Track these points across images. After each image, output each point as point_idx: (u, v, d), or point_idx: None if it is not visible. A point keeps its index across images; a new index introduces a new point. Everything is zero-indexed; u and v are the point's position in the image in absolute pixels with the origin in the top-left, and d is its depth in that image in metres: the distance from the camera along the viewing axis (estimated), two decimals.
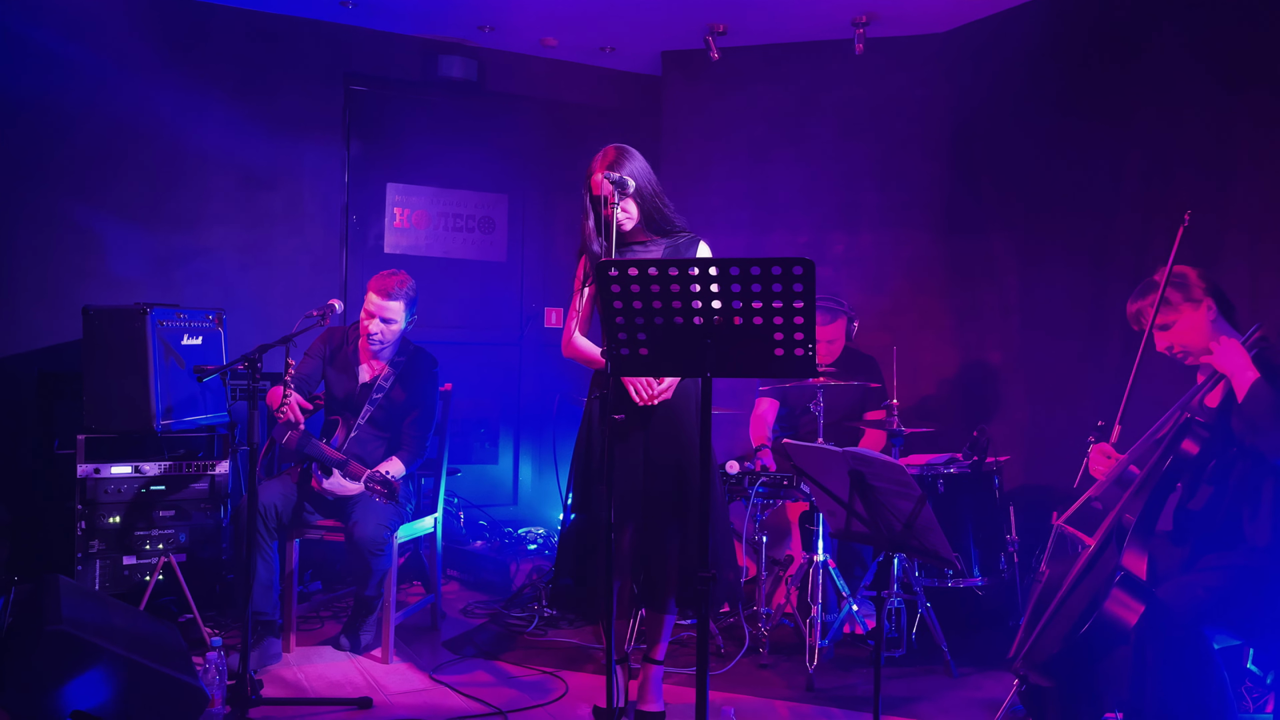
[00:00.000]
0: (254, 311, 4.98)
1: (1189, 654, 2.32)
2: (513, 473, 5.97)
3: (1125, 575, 2.41)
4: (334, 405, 3.93)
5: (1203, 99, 4.06)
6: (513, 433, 5.97)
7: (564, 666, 3.68)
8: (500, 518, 5.60)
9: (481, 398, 5.83)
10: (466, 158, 5.75)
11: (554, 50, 5.73)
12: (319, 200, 5.31)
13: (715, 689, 3.46)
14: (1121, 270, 4.38)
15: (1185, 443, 2.52)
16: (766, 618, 3.88)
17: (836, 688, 3.51)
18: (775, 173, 5.51)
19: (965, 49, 5.14)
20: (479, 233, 5.84)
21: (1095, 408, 4.31)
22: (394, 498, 3.53)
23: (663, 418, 3.02)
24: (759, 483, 4.00)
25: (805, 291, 2.23)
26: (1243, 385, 2.53)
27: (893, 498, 2.55)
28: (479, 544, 5.14)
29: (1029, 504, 4.29)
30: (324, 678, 3.54)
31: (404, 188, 5.66)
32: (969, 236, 5.18)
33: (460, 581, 4.91)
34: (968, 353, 5.21)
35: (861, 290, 5.35)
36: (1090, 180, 4.54)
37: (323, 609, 4.34)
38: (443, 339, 5.54)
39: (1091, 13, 4.52)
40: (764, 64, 5.51)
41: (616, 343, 2.40)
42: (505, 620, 4.23)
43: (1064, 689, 2.50)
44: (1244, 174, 3.91)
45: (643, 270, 2.30)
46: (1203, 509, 2.65)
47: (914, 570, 3.82)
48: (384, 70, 5.49)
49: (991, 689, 3.47)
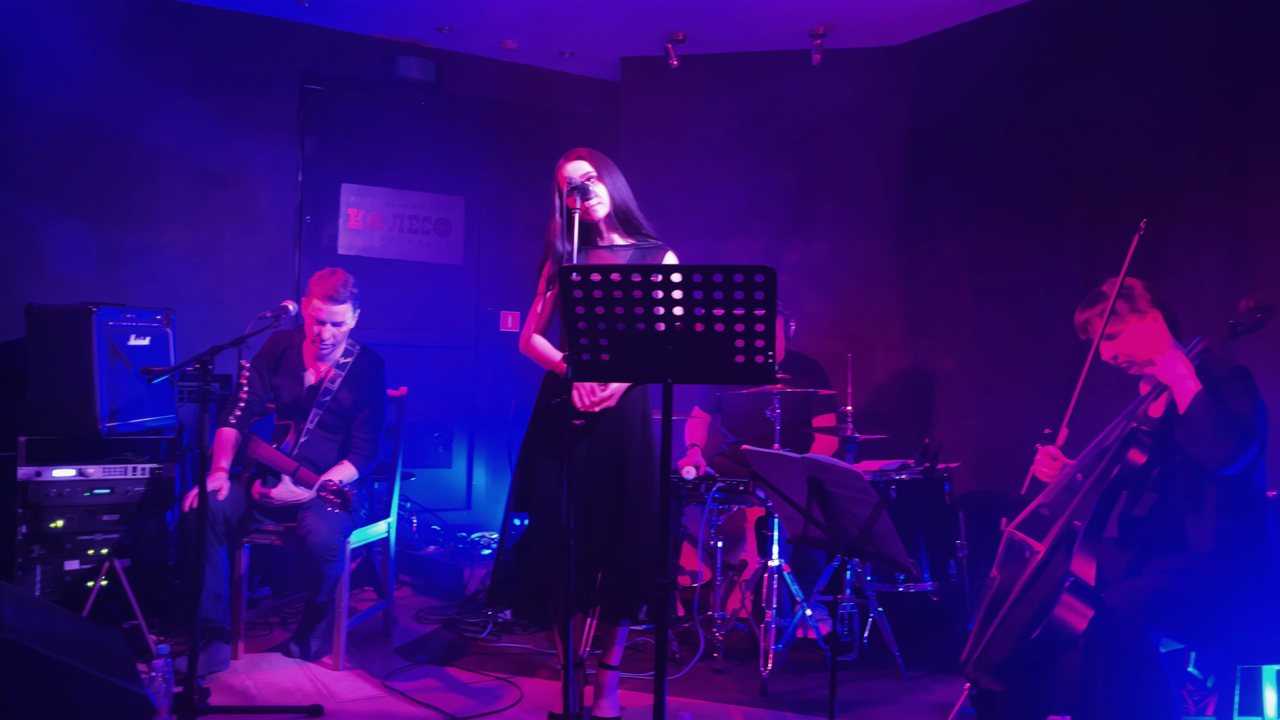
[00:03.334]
0: (204, 312, 4.89)
1: (1136, 657, 2.38)
2: (467, 477, 5.93)
3: (1075, 581, 2.45)
4: (282, 410, 3.87)
5: (1151, 118, 4.16)
6: (467, 436, 5.93)
7: (518, 673, 3.66)
8: (454, 522, 5.56)
9: (436, 401, 5.78)
10: (423, 159, 5.71)
11: (513, 53, 5.71)
12: (272, 200, 5.23)
13: (670, 694, 3.47)
14: (1069, 281, 4.48)
15: (1132, 452, 2.58)
16: (721, 623, 3.89)
17: (790, 692, 3.54)
18: (733, 180, 5.55)
19: (921, 62, 5.23)
20: (435, 235, 5.79)
21: (1042, 415, 4.39)
22: (348, 508, 3.48)
23: (608, 425, 3.02)
24: (715, 488, 4.02)
25: (766, 299, 2.25)
26: (1185, 397, 2.59)
27: (850, 504, 2.58)
28: (432, 549, 5.10)
29: (978, 510, 4.37)
30: (273, 685, 3.48)
31: (359, 188, 5.60)
32: (922, 245, 5.26)
33: (413, 587, 4.86)
34: (920, 360, 5.29)
35: (816, 298, 5.41)
36: (1040, 193, 4.64)
37: (272, 615, 4.27)
38: (398, 342, 5.49)
39: (1044, 30, 4.62)
40: (723, 72, 5.54)
41: (578, 348, 2.39)
42: (459, 626, 4.20)
43: (1014, 692, 2.54)
44: (1188, 191, 4.02)
45: (605, 275, 2.30)
46: (1147, 515, 2.71)
47: (866, 575, 3.86)
48: (340, 70, 5.43)
49: (942, 693, 3.52)
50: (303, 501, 3.67)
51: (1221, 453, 2.52)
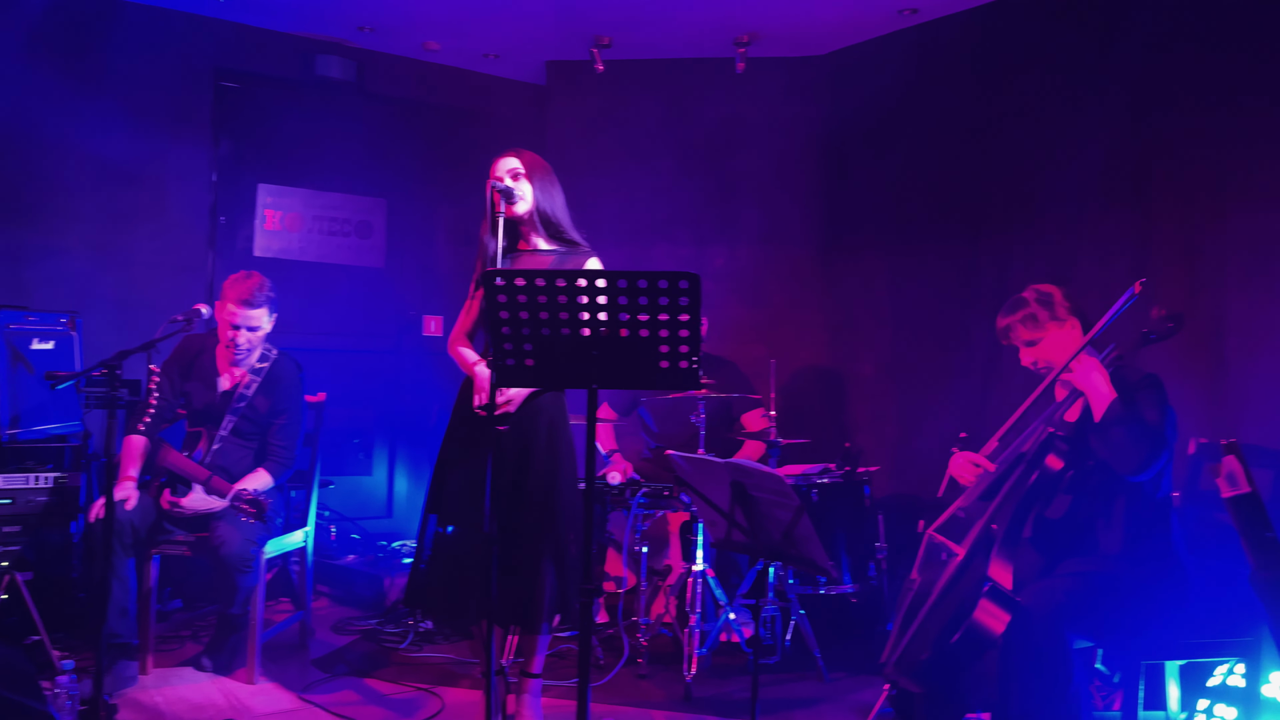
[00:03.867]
0: (112, 316, 4.71)
1: (1052, 657, 2.44)
2: (388, 484, 5.83)
3: (993, 586, 2.51)
4: (194, 417, 3.75)
5: (1061, 129, 4.30)
6: (389, 443, 5.83)
7: (439, 683, 3.60)
8: (375, 531, 5.45)
9: (356, 407, 5.67)
10: (344, 160, 5.60)
11: (437, 55, 5.65)
12: (184, 200, 5.08)
13: (594, 700, 3.45)
14: (983, 289, 4.60)
15: (1049, 458, 2.65)
16: (646, 628, 3.89)
17: (714, 695, 3.55)
18: (659, 186, 5.57)
19: (842, 72, 5.32)
20: (356, 237, 5.69)
21: (959, 419, 4.51)
22: (263, 517, 3.38)
23: (513, 434, 2.99)
24: (640, 493, 4.02)
25: (691, 305, 2.26)
26: (1100, 405, 2.66)
27: (773, 508, 2.60)
28: (351, 558, 5.00)
29: (896, 512, 4.44)
30: (184, 700, 3.37)
31: (276, 189, 5.47)
32: (844, 253, 5.35)
33: (331, 597, 4.76)
34: (842, 365, 5.37)
35: (740, 303, 5.46)
36: (955, 203, 4.75)
37: (183, 628, 4.13)
38: (317, 346, 5.37)
39: (961, 43, 4.74)
40: (649, 78, 5.56)
41: (502, 352, 2.38)
42: (379, 637, 4.12)
43: (932, 693, 2.59)
44: (1095, 203, 4.16)
45: (530, 281, 2.29)
46: (1061, 518, 2.79)
47: (788, 578, 3.90)
48: (257, 67, 5.30)
49: (862, 693, 3.57)
50: (215, 511, 3.56)
51: (1135, 460, 2.60)
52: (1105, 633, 2.65)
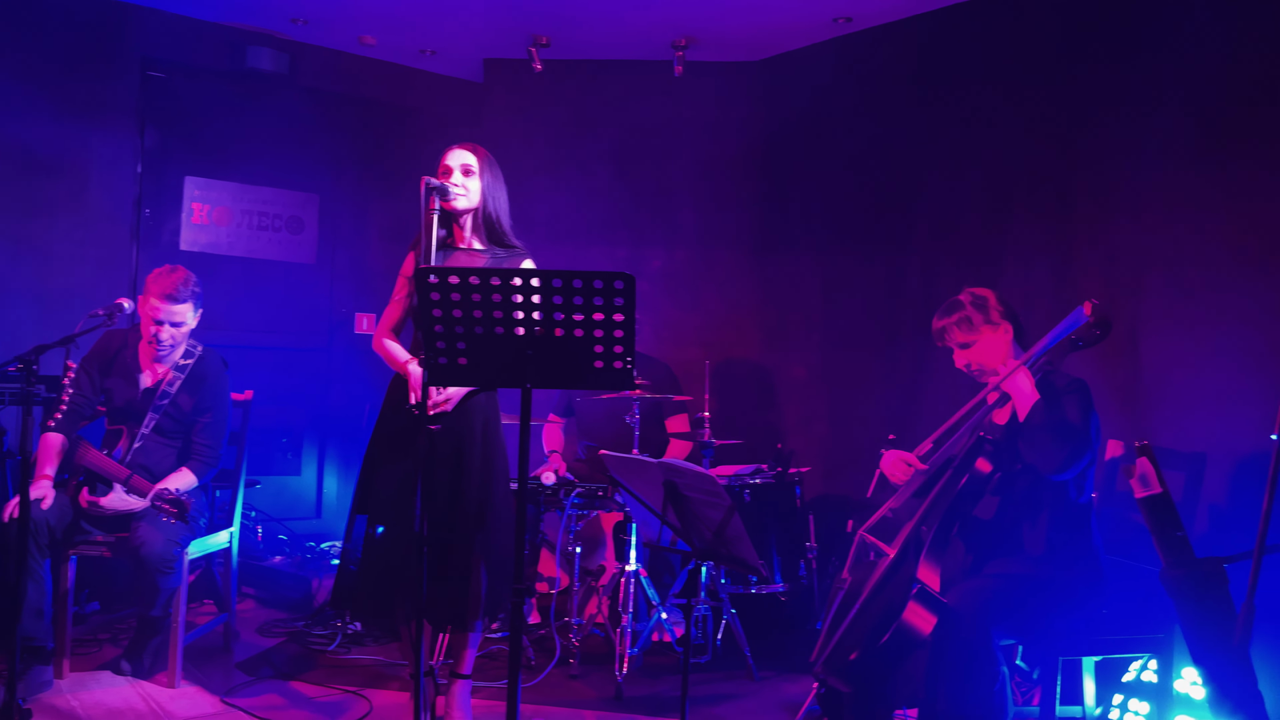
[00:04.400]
0: (29, 309, 4.57)
1: (977, 655, 2.50)
2: (317, 484, 5.73)
3: (921, 588, 2.56)
4: (115, 414, 3.65)
5: (988, 138, 4.41)
6: (318, 442, 5.73)
7: (368, 685, 3.56)
8: (303, 531, 5.36)
9: (285, 406, 5.57)
10: (275, 154, 5.49)
11: (372, 49, 5.58)
12: (108, 191, 4.93)
13: (525, 701, 3.44)
14: (912, 294, 4.69)
15: (979, 461, 2.70)
16: (578, 628, 3.89)
17: (645, 695, 3.56)
18: (596, 187, 5.57)
19: (778, 78, 5.38)
20: (287, 233, 5.59)
21: (887, 421, 4.59)
22: (185, 518, 3.30)
23: (444, 431, 2.97)
24: (574, 494, 4.02)
25: (626, 305, 2.27)
26: (1024, 407, 2.73)
27: (704, 507, 2.62)
28: (278, 559, 4.91)
29: (826, 513, 4.51)
30: (102, 705, 3.28)
31: (205, 182, 5.34)
32: (778, 257, 5.41)
33: (257, 599, 4.66)
34: (775, 368, 5.43)
35: (677, 305, 5.49)
36: (886, 210, 4.84)
37: (101, 631, 4.02)
38: (245, 343, 5.26)
39: (892, 52, 4.83)
40: (587, 79, 5.56)
41: (435, 351, 2.36)
42: (305, 639, 4.05)
43: (860, 692, 2.64)
44: (1020, 211, 4.27)
45: (464, 279, 2.27)
46: (989, 520, 2.85)
47: (720, 578, 3.93)
48: (186, 57, 5.17)
49: (791, 691, 3.62)
50: (136, 511, 3.47)
51: (1056, 459, 2.66)
52: (1028, 631, 2.72)
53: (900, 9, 4.67)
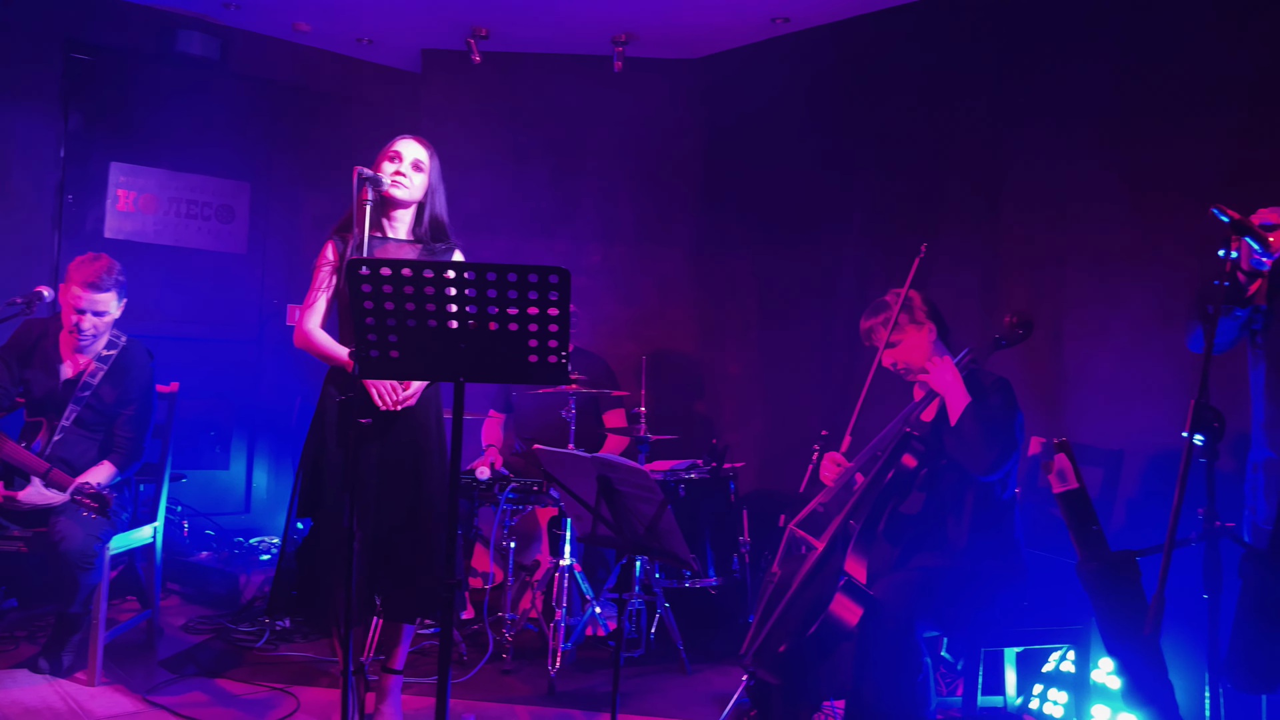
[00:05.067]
0: None
1: (902, 645, 2.56)
2: (246, 478, 5.62)
3: (848, 580, 2.61)
4: (34, 406, 3.54)
5: (921, 141, 4.49)
6: (247, 436, 5.62)
7: (295, 682, 3.50)
8: (231, 526, 5.25)
9: (214, 398, 5.45)
10: (205, 141, 5.36)
11: (307, 36, 5.48)
12: (28, 176, 4.78)
13: (457, 696, 3.42)
14: (845, 293, 4.76)
15: (905, 457, 2.76)
16: (511, 623, 3.88)
17: (578, 689, 3.57)
18: (536, 181, 5.55)
19: (717, 76, 5.41)
20: (216, 221, 5.46)
21: (821, 417, 4.65)
22: (106, 512, 3.21)
23: (404, 424, 2.95)
24: (509, 488, 4.00)
25: (560, 300, 2.26)
26: (956, 408, 2.80)
27: (637, 502, 2.62)
28: (205, 555, 4.81)
29: (760, 507, 4.55)
30: (18, 704, 3.18)
31: (131, 168, 5.20)
32: (716, 255, 5.45)
33: (182, 596, 4.56)
34: (711, 364, 5.47)
35: (615, 301, 5.49)
36: (822, 210, 4.90)
37: (18, 628, 3.89)
38: (172, 334, 5.14)
39: (829, 54, 4.88)
40: (528, 72, 5.53)
41: (366, 344, 2.33)
42: (232, 636, 3.97)
43: (788, 683, 2.67)
44: (952, 215, 4.36)
45: (396, 270, 2.24)
46: (914, 514, 2.91)
47: (655, 572, 3.95)
48: (113, 40, 5.03)
49: (723, 684, 3.65)
50: (55, 505, 3.37)
51: (988, 462, 2.75)
52: (951, 623, 2.79)
53: (837, 11, 4.73)
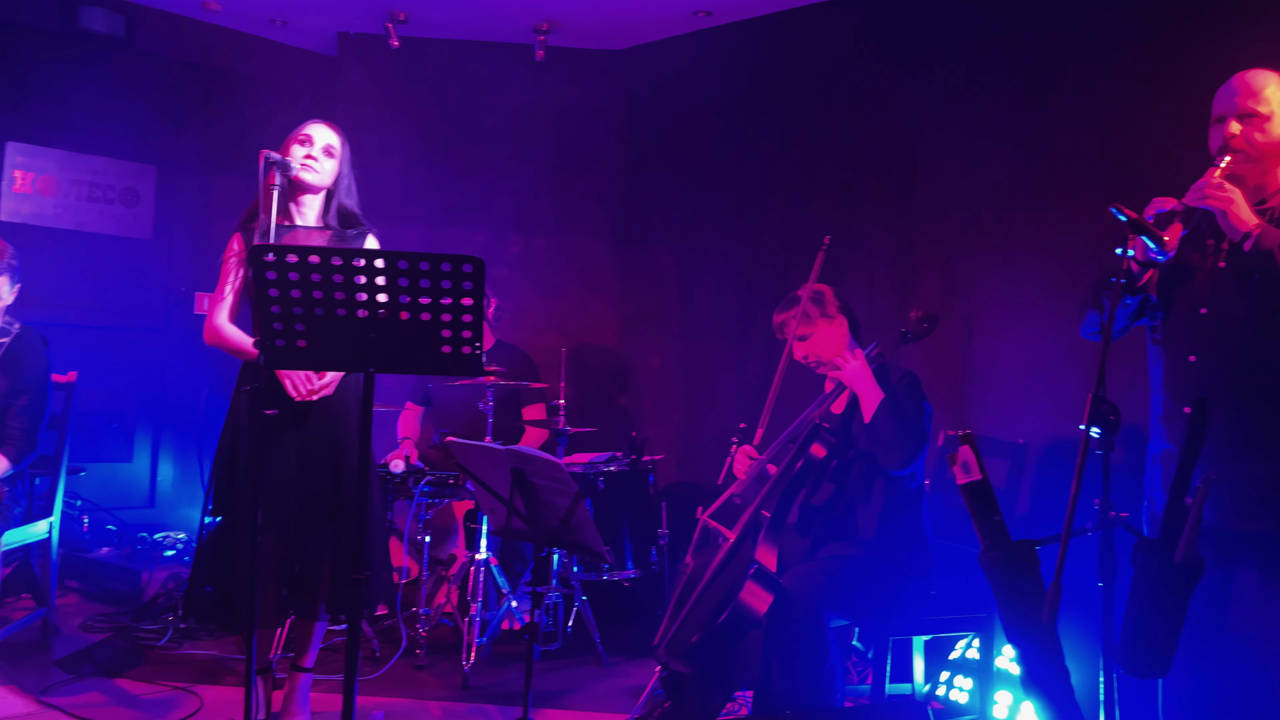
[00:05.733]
0: None
1: (809, 635, 2.59)
2: (150, 472, 5.43)
3: (758, 568, 2.63)
4: None
5: (838, 137, 4.55)
6: (152, 428, 5.43)
7: (199, 681, 3.40)
8: (134, 521, 5.07)
9: (116, 388, 5.25)
10: (109, 122, 5.16)
11: (217, 16, 5.30)
12: None
13: (369, 693, 3.36)
14: (765, 286, 4.80)
15: (814, 446, 2.80)
16: (426, 618, 3.83)
17: (492, 684, 3.54)
18: (455, 169, 5.47)
19: (640, 68, 5.40)
20: (120, 205, 5.26)
21: (740, 410, 4.69)
22: None
23: (321, 415, 2.88)
24: (424, 482, 3.94)
25: (475, 290, 2.24)
26: (870, 405, 2.85)
27: (552, 495, 2.61)
28: (106, 551, 4.63)
29: (679, 500, 4.57)
30: None
31: (28, 148, 4.97)
32: (637, 247, 5.44)
33: (81, 593, 4.39)
34: (632, 357, 5.47)
35: (536, 293, 5.45)
36: (742, 202, 4.94)
37: None
38: (71, 322, 4.94)
39: (750, 48, 4.91)
40: (447, 58, 5.45)
41: (271, 333, 2.26)
42: (133, 634, 3.84)
43: (701, 673, 2.69)
44: (867, 210, 4.43)
45: (303, 258, 2.19)
46: (824, 504, 2.96)
47: (573, 565, 3.93)
48: (8, 14, 4.80)
49: (639, 676, 3.66)
50: None
51: (901, 456, 2.81)
52: (860, 612, 2.84)
53: (757, 7, 4.76)
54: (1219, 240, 2.25)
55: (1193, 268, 2.30)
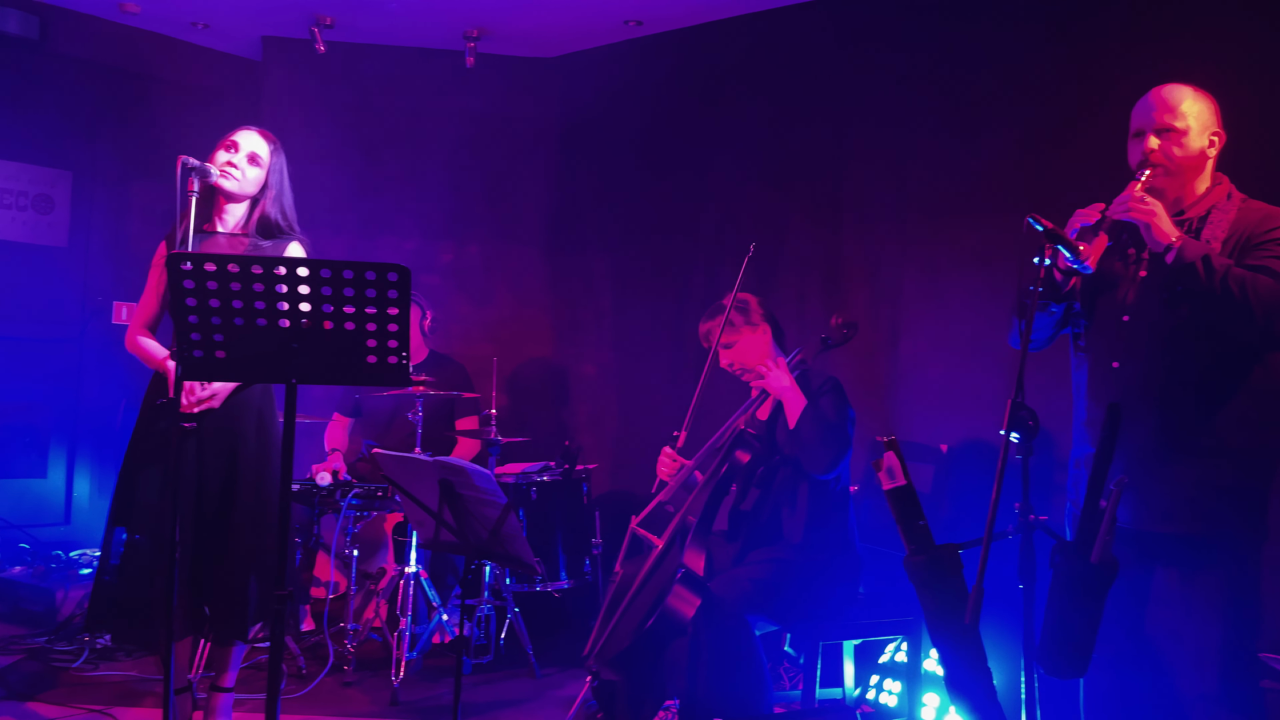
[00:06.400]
0: None
1: (735, 640, 2.60)
2: (66, 487, 5.24)
3: (686, 572, 2.64)
4: None
5: (768, 147, 4.59)
6: (68, 442, 5.24)
7: (117, 703, 3.30)
8: (48, 539, 4.89)
9: (29, 401, 5.05)
10: (21, 126, 4.97)
11: (136, 18, 5.16)
12: None
13: (295, 712, 3.29)
14: (697, 294, 4.82)
15: (739, 452, 2.82)
16: (354, 634, 3.75)
17: (422, 699, 3.49)
18: (385, 176, 5.39)
19: (572, 76, 5.39)
20: (33, 212, 5.08)
21: (675, 418, 4.69)
22: None
23: (215, 428, 2.81)
24: (351, 494, 3.87)
25: (400, 299, 2.21)
26: (794, 412, 2.88)
27: (481, 506, 2.59)
28: (18, 569, 4.46)
29: (614, 509, 4.56)
30: None
31: None
32: (571, 255, 5.43)
33: None
34: (565, 365, 5.45)
35: (468, 301, 5.40)
36: (675, 211, 4.95)
37: None
38: None
39: (679, 58, 4.94)
40: (377, 64, 5.37)
41: (189, 343, 2.21)
42: (47, 656, 3.71)
43: (631, 681, 2.68)
44: (796, 219, 4.48)
45: (221, 266, 2.14)
46: (751, 509, 2.98)
47: (505, 577, 3.89)
48: None
49: (572, 687, 3.63)
50: None
51: (825, 461, 2.84)
52: (786, 616, 2.86)
53: (688, 17, 4.78)
54: (1140, 250, 2.32)
55: (1115, 276, 2.36)
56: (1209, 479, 2.21)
